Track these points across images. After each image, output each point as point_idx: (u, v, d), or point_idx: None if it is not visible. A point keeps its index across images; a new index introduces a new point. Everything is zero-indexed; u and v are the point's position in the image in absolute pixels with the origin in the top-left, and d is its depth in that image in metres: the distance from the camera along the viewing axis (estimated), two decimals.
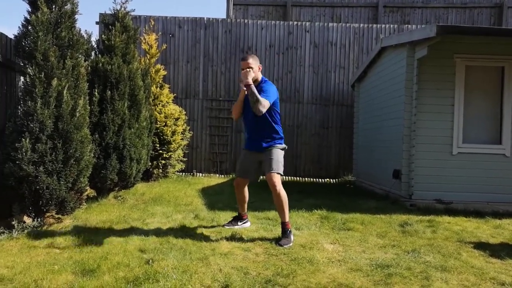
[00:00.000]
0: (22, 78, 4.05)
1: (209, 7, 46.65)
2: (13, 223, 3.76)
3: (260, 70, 3.92)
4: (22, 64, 4.04)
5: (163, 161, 7.79)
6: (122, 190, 6.05)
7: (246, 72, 3.71)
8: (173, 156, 8.03)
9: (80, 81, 4.31)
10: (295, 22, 9.80)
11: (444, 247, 3.66)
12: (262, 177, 4.10)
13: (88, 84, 4.63)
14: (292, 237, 3.71)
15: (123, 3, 5.94)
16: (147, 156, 6.29)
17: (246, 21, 9.62)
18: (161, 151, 7.65)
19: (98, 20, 8.95)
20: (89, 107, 4.68)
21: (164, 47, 8.98)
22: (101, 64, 5.38)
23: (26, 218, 4.14)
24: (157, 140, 7.56)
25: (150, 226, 4.17)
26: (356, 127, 8.90)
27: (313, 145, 9.57)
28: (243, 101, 3.89)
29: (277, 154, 3.82)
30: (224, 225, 4.19)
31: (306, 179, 9.42)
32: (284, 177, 3.84)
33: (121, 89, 5.43)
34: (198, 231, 4.01)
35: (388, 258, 3.30)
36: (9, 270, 2.84)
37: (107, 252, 3.22)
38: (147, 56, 8.01)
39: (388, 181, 6.43)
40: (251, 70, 3.75)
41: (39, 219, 4.00)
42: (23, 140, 3.69)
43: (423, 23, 11.80)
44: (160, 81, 8.20)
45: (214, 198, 5.99)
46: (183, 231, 3.97)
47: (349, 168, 9.28)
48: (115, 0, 5.95)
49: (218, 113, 9.49)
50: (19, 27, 3.98)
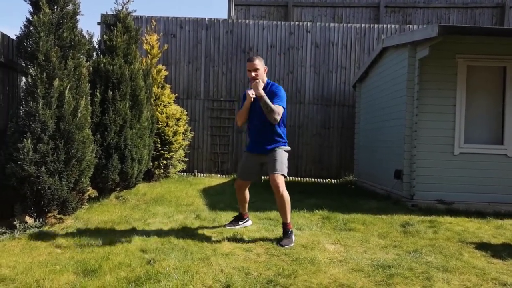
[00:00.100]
0: (24, 79, 4.05)
1: (210, 8, 46.75)
2: (15, 223, 3.77)
3: (266, 72, 3.90)
4: (24, 65, 4.05)
5: (165, 161, 7.80)
6: (124, 190, 6.06)
7: (257, 83, 3.66)
8: (174, 156, 8.04)
9: (82, 81, 4.32)
10: (296, 23, 9.80)
11: (445, 248, 3.66)
12: (264, 177, 4.09)
13: (89, 84, 4.63)
14: (293, 238, 3.70)
15: (125, 4, 5.96)
16: (148, 156, 6.30)
17: (247, 21, 9.62)
18: (162, 151, 7.66)
19: (100, 21, 8.96)
20: (91, 108, 4.70)
21: (166, 48, 9.00)
22: (102, 65, 5.39)
23: (28, 218, 4.15)
24: (159, 140, 7.57)
25: (151, 226, 4.18)
26: (357, 127, 8.89)
27: (314, 145, 9.57)
28: (249, 107, 3.86)
29: (282, 155, 3.80)
30: (225, 226, 4.18)
31: (308, 179, 9.42)
32: (285, 178, 3.83)
33: (122, 89, 5.44)
34: (200, 231, 4.01)
35: (389, 259, 3.30)
36: (11, 270, 2.84)
37: (108, 252, 3.23)
38: (148, 57, 8.02)
39: (389, 181, 6.42)
40: (260, 80, 3.71)
41: (40, 219, 4.00)
42: (25, 140, 3.69)
43: (425, 23, 11.78)
44: (162, 82, 8.22)
45: (216, 198, 5.99)
46: (185, 231, 3.97)
47: (350, 168, 9.28)
48: (116, 0, 5.97)
49: (220, 114, 9.50)
50: (21, 27, 3.99)
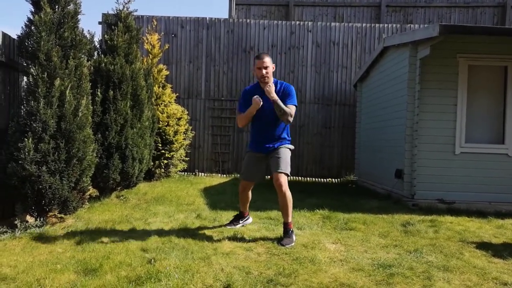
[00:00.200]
0: (25, 78, 4.06)
1: (211, 7, 46.77)
2: (16, 222, 3.78)
3: (274, 70, 3.88)
4: (25, 64, 4.06)
5: (165, 161, 7.81)
6: (125, 190, 6.07)
7: (270, 88, 3.66)
8: (175, 155, 8.05)
9: (83, 81, 4.32)
10: (297, 22, 9.80)
11: (446, 247, 3.66)
12: (267, 176, 4.08)
13: (90, 84, 4.63)
14: (294, 237, 3.70)
15: (126, 3, 5.97)
16: (149, 155, 6.31)
17: (248, 21, 9.62)
18: (163, 151, 7.66)
19: (101, 20, 8.95)
20: (92, 107, 4.69)
21: (167, 47, 9.00)
22: (103, 64, 5.40)
23: (28, 218, 4.16)
24: (159, 139, 7.58)
25: (152, 226, 4.18)
26: (358, 127, 8.89)
27: (315, 145, 9.56)
28: (254, 112, 3.77)
29: (286, 153, 3.80)
30: (225, 225, 4.18)
31: (308, 178, 9.42)
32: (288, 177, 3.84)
33: (123, 89, 5.45)
34: (200, 230, 4.01)
35: (390, 258, 3.30)
36: (12, 269, 2.85)
37: (109, 252, 3.23)
38: (149, 56, 8.03)
39: (390, 181, 6.42)
40: (272, 84, 3.72)
41: (41, 219, 4.01)
42: (26, 140, 3.70)
43: (426, 22, 11.77)
44: (163, 81, 8.22)
45: (216, 198, 5.99)
46: (185, 231, 3.97)
47: (351, 168, 9.28)
48: (117, 0, 5.97)
49: (220, 113, 9.50)
50: (22, 27, 3.99)
